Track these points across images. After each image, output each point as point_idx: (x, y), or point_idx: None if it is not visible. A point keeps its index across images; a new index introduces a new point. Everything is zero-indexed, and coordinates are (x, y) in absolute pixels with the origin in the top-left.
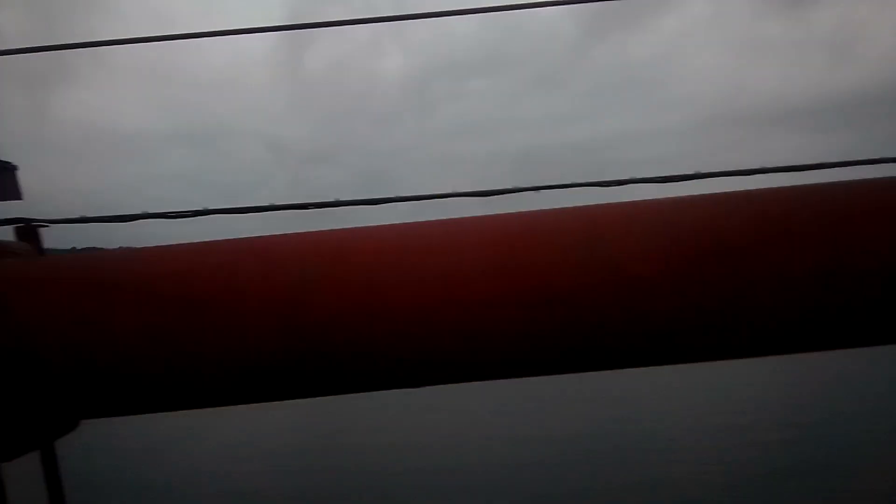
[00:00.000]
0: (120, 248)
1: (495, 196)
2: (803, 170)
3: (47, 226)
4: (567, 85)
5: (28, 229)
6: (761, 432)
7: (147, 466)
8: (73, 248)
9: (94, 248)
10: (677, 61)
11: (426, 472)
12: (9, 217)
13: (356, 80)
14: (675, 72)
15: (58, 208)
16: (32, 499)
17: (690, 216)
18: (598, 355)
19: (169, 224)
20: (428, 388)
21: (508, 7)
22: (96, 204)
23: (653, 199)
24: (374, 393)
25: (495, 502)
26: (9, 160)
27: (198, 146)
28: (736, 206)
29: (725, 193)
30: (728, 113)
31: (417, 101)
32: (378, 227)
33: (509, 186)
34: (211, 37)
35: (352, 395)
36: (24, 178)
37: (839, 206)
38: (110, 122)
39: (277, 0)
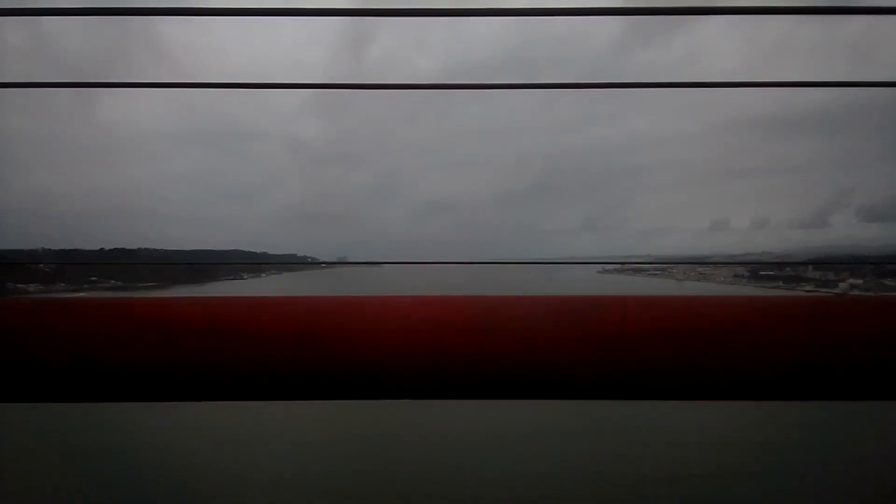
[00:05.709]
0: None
1: (493, 90)
2: (803, 86)
3: None
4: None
5: None
6: None
7: None
8: (102, 249)
9: (119, 248)
10: (703, 63)
11: None
12: None
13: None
14: (701, 74)
15: (70, 206)
16: None
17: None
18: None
19: (181, 228)
20: None
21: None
22: (110, 203)
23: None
24: None
25: None
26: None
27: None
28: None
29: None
30: (747, 116)
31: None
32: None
33: (509, 82)
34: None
35: None
36: (32, 175)
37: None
38: (122, 121)
39: None
